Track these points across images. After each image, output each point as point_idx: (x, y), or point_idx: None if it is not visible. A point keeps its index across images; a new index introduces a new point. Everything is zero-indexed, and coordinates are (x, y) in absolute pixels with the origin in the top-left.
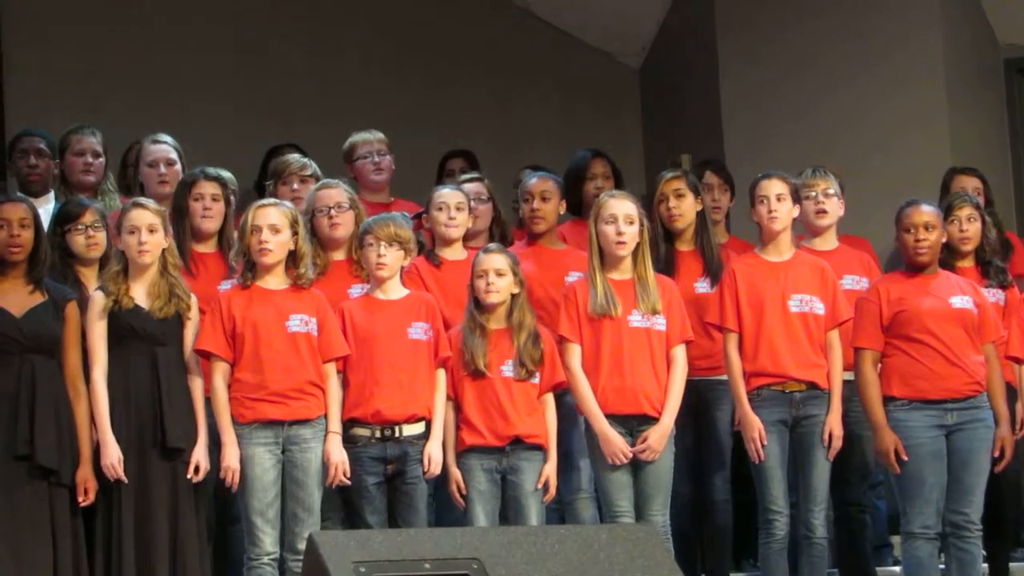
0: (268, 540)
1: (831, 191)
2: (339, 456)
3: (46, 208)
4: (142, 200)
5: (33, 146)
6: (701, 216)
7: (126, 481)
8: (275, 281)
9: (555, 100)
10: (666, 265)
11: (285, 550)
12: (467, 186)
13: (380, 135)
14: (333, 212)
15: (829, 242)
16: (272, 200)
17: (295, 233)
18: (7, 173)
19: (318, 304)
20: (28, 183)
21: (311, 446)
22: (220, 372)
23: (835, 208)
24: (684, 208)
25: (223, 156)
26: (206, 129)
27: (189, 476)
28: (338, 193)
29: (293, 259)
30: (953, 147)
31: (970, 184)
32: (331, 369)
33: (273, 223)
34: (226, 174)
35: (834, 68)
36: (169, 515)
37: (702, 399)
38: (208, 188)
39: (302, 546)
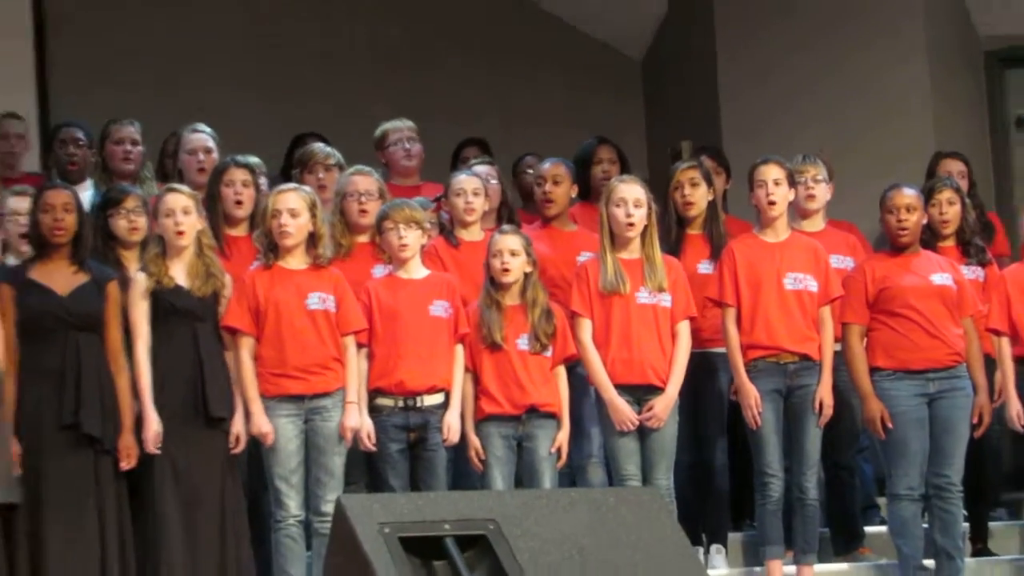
0: (293, 503)
1: (819, 177)
2: (356, 423)
3: (84, 195)
4: (176, 185)
5: (72, 136)
6: (712, 204)
7: (158, 454)
8: (295, 261)
9: (561, 89)
10: (675, 246)
11: (310, 512)
12: (478, 168)
13: (410, 123)
14: (363, 199)
15: (817, 224)
16: (292, 185)
17: (313, 216)
18: (48, 162)
19: (336, 282)
20: (67, 171)
21: (332, 415)
22: (246, 347)
23: (823, 193)
24: (697, 196)
25: (250, 145)
26: (235, 120)
27: (230, 446)
28: (369, 181)
29: (312, 240)
30: (936, 133)
31: (955, 167)
32: (349, 342)
33: (292, 207)
34: (255, 160)
35: (824, 59)
36: (214, 480)
37: (699, 370)
38: (239, 175)
39: (326, 508)
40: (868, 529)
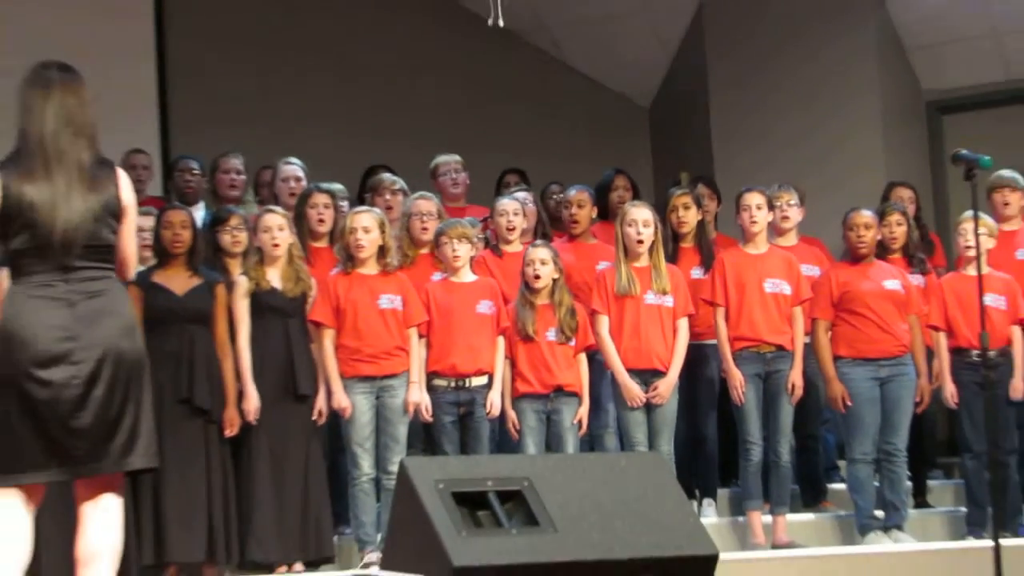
0: (366, 464)
1: (792, 202)
2: (418, 398)
3: (197, 215)
4: (272, 207)
5: (187, 167)
6: (700, 223)
7: (256, 424)
8: (369, 268)
9: (584, 130)
10: (671, 257)
11: (379, 471)
12: (518, 194)
13: (457, 157)
14: (424, 219)
15: (790, 240)
16: (365, 208)
17: (383, 232)
18: (168, 188)
19: (402, 284)
20: (184, 195)
21: (398, 393)
22: (328, 338)
23: (795, 214)
24: (689, 217)
25: (331, 174)
26: (320, 154)
27: (314, 418)
28: (430, 205)
29: (382, 252)
30: (887, 167)
31: (905, 194)
32: (412, 333)
33: (365, 225)
34: (335, 186)
35: (796, 108)
36: (300, 445)
37: (693, 358)
38: (321, 199)
39: (392, 468)
40: (830, 486)
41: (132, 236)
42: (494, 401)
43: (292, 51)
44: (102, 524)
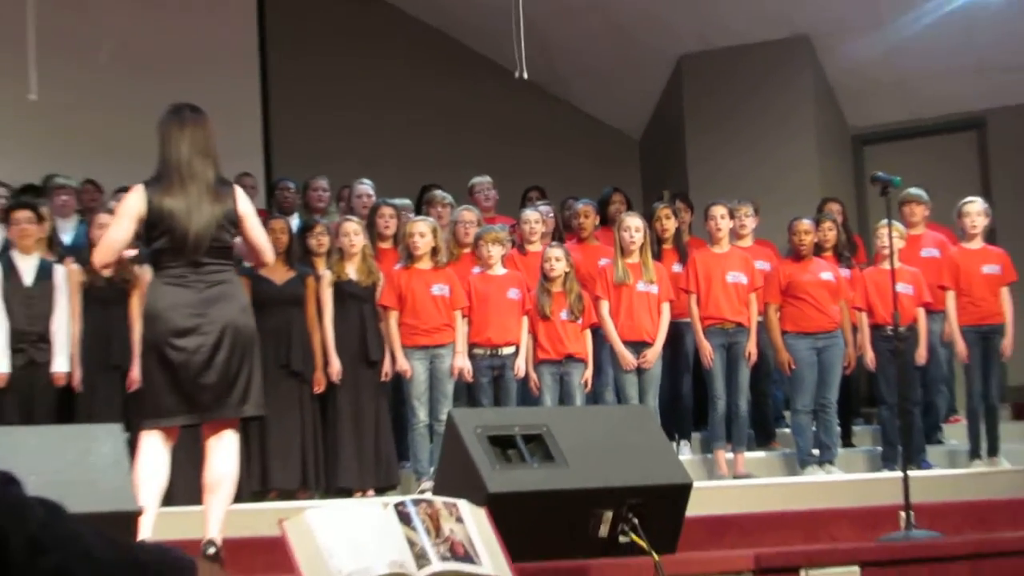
0: (422, 413)
1: (749, 213)
2: (462, 364)
3: (293, 223)
4: (349, 217)
5: (285, 186)
6: (678, 229)
7: (338, 384)
8: (424, 264)
9: (585, 158)
10: (656, 255)
11: (432, 419)
12: (541, 207)
13: (488, 178)
14: (467, 226)
15: (747, 242)
16: (421, 217)
17: (435, 236)
18: (271, 202)
19: (449, 277)
20: (283, 208)
21: (446, 359)
22: (393, 317)
23: (751, 222)
24: (669, 225)
25: (395, 191)
26: (387, 176)
27: (382, 379)
28: (472, 215)
29: (434, 251)
30: (821, 185)
31: (835, 206)
32: (457, 314)
33: (421, 231)
34: (398, 201)
35: (753, 141)
36: (372, 399)
37: (673, 334)
38: (387, 211)
39: (442, 417)
40: (778, 431)
41: (259, 230)
42: (520, 366)
43: (366, 98)
44: (224, 455)
